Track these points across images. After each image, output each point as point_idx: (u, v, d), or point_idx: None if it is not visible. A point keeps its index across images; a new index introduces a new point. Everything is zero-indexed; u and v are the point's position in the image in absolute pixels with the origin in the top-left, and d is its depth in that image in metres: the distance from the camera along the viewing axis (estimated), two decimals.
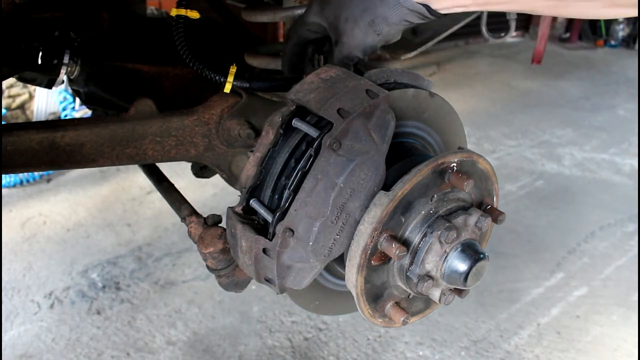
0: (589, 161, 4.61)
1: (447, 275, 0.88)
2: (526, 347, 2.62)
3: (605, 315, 2.84)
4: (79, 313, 2.73)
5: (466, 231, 0.90)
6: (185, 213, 1.24)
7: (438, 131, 1.05)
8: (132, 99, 1.25)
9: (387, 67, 0.97)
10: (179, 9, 1.12)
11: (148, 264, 3.11)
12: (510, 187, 4.11)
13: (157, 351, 2.51)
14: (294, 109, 0.89)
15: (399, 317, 0.93)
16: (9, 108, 4.21)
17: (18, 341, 2.55)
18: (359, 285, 0.87)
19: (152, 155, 1.25)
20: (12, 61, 1.27)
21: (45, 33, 1.33)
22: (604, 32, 8.82)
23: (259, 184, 0.90)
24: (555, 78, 7.05)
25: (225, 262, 1.07)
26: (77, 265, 3.08)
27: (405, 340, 2.62)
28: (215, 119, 1.28)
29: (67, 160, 1.16)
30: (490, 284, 3.00)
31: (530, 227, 3.58)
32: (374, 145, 0.83)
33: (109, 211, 3.64)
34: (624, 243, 3.46)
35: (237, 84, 1.13)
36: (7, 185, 3.83)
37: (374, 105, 0.82)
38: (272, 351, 2.53)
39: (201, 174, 1.59)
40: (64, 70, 1.37)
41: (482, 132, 5.14)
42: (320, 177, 0.80)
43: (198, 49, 1.16)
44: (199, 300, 2.83)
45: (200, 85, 1.52)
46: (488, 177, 0.97)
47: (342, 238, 0.85)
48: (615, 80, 7.05)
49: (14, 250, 3.19)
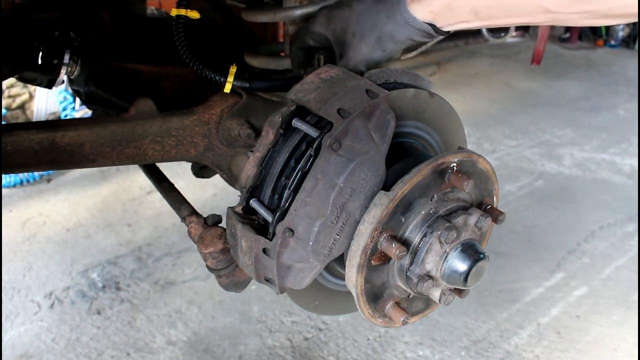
0: (589, 161, 4.61)
1: (447, 275, 0.88)
2: (526, 347, 2.62)
3: (605, 315, 2.84)
4: (79, 313, 2.73)
5: (466, 231, 0.90)
6: (185, 213, 1.24)
7: (438, 131, 1.05)
8: (132, 99, 1.25)
9: (387, 67, 0.97)
10: (179, 9, 1.12)
11: (148, 264, 3.11)
12: (510, 187, 4.11)
13: (157, 351, 2.51)
14: (294, 109, 0.89)
15: (399, 317, 0.93)
16: (9, 108, 4.21)
17: (18, 341, 2.55)
18: (359, 285, 0.87)
19: (152, 155, 1.25)
20: (12, 61, 1.27)
21: (45, 33, 1.33)
22: (604, 32, 8.81)
23: (259, 184, 0.90)
24: (555, 78, 7.05)
25: (225, 262, 1.07)
26: (77, 265, 3.07)
27: (405, 340, 2.62)
28: (215, 119, 1.28)
29: (67, 160, 1.16)
30: (490, 284, 2.99)
31: (530, 227, 3.58)
32: (374, 145, 0.83)
33: (109, 211, 3.64)
34: (624, 243, 3.46)
35: (237, 84, 1.13)
36: (7, 185, 3.83)
37: (374, 105, 0.82)
38: (272, 351, 2.53)
39: (201, 174, 1.59)
40: (64, 70, 1.37)
41: (482, 132, 5.14)
42: (320, 177, 0.80)
43: (198, 49, 1.16)
44: (199, 300, 2.83)
45: (200, 85, 1.52)
46: (488, 177, 0.97)
47: (342, 238, 0.85)
48: (615, 80, 7.05)
49: (14, 250, 3.19)
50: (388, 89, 0.89)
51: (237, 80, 1.13)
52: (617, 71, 7.48)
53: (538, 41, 7.57)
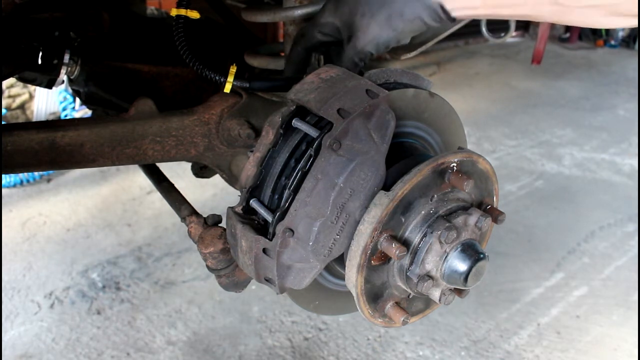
0: (589, 161, 4.61)
1: (447, 275, 0.88)
2: (526, 347, 2.62)
3: (605, 315, 2.84)
4: (79, 313, 2.73)
5: (466, 231, 0.90)
6: (185, 213, 1.24)
7: (438, 131, 1.05)
8: (132, 99, 1.25)
9: (387, 67, 0.97)
10: (179, 9, 1.12)
11: (148, 264, 3.11)
12: (510, 187, 4.11)
13: (157, 351, 2.51)
14: (294, 109, 0.89)
15: (399, 317, 0.93)
16: (9, 108, 4.21)
17: (18, 341, 2.55)
18: (359, 285, 0.87)
19: (152, 155, 1.25)
20: (12, 61, 1.27)
21: (45, 33, 1.33)
22: (604, 32, 8.81)
23: (259, 184, 0.90)
24: (555, 78, 7.05)
25: (225, 262, 1.07)
26: (77, 265, 3.08)
27: (405, 340, 2.62)
28: (215, 119, 1.28)
29: (67, 160, 1.16)
30: (490, 284, 3.00)
31: (530, 227, 3.58)
32: (374, 145, 0.83)
33: (109, 211, 3.64)
34: (624, 243, 3.46)
35: (237, 84, 1.13)
36: (7, 185, 3.83)
37: (374, 105, 0.82)
38: (272, 351, 2.53)
39: (201, 174, 1.59)
40: (64, 70, 1.37)
41: (482, 132, 5.14)
42: (320, 177, 0.80)
43: (198, 49, 1.16)
44: (199, 300, 2.83)
45: (200, 85, 1.52)
46: (488, 177, 0.97)
47: (342, 238, 0.85)
48: (615, 80, 7.05)
49: (14, 250, 3.19)
50: (388, 89, 0.89)
51: (237, 80, 1.13)
52: (617, 71, 7.48)
53: (538, 41, 7.57)
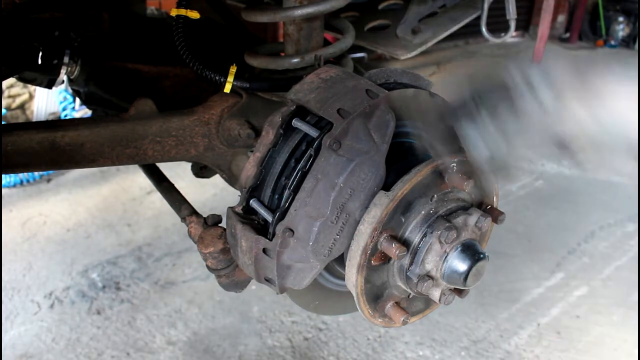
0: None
1: (447, 275, 0.88)
2: (526, 347, 2.62)
3: (605, 315, 2.84)
4: (79, 313, 2.73)
5: (466, 231, 0.90)
6: (185, 213, 1.24)
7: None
8: (132, 99, 1.25)
9: (387, 67, 0.97)
10: (179, 9, 1.12)
11: (148, 264, 3.11)
12: (510, 187, 4.11)
13: (157, 351, 2.51)
14: (294, 109, 0.89)
15: (399, 317, 0.93)
16: (9, 108, 4.21)
17: (18, 341, 2.55)
18: (359, 285, 0.87)
19: (152, 155, 1.25)
20: (12, 61, 1.27)
21: (45, 33, 1.33)
22: (604, 32, 8.81)
23: (259, 184, 0.90)
24: None
25: (225, 262, 1.07)
26: (77, 265, 3.07)
27: (405, 340, 2.62)
28: (215, 119, 1.28)
29: (67, 160, 1.16)
30: (490, 284, 2.99)
31: (530, 227, 3.58)
32: (374, 145, 0.83)
33: (109, 211, 3.64)
34: (624, 243, 3.46)
35: (237, 84, 1.13)
36: (7, 185, 3.83)
37: (374, 105, 0.82)
38: (272, 351, 2.53)
39: (201, 174, 1.59)
40: (64, 70, 1.37)
41: None
42: (320, 177, 0.80)
43: (198, 49, 1.16)
44: (199, 300, 2.83)
45: (200, 85, 1.52)
46: (488, 177, 0.97)
47: (342, 238, 0.85)
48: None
49: (14, 250, 3.19)
50: (388, 89, 0.89)
51: (237, 80, 1.13)
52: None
53: (538, 41, 7.55)
